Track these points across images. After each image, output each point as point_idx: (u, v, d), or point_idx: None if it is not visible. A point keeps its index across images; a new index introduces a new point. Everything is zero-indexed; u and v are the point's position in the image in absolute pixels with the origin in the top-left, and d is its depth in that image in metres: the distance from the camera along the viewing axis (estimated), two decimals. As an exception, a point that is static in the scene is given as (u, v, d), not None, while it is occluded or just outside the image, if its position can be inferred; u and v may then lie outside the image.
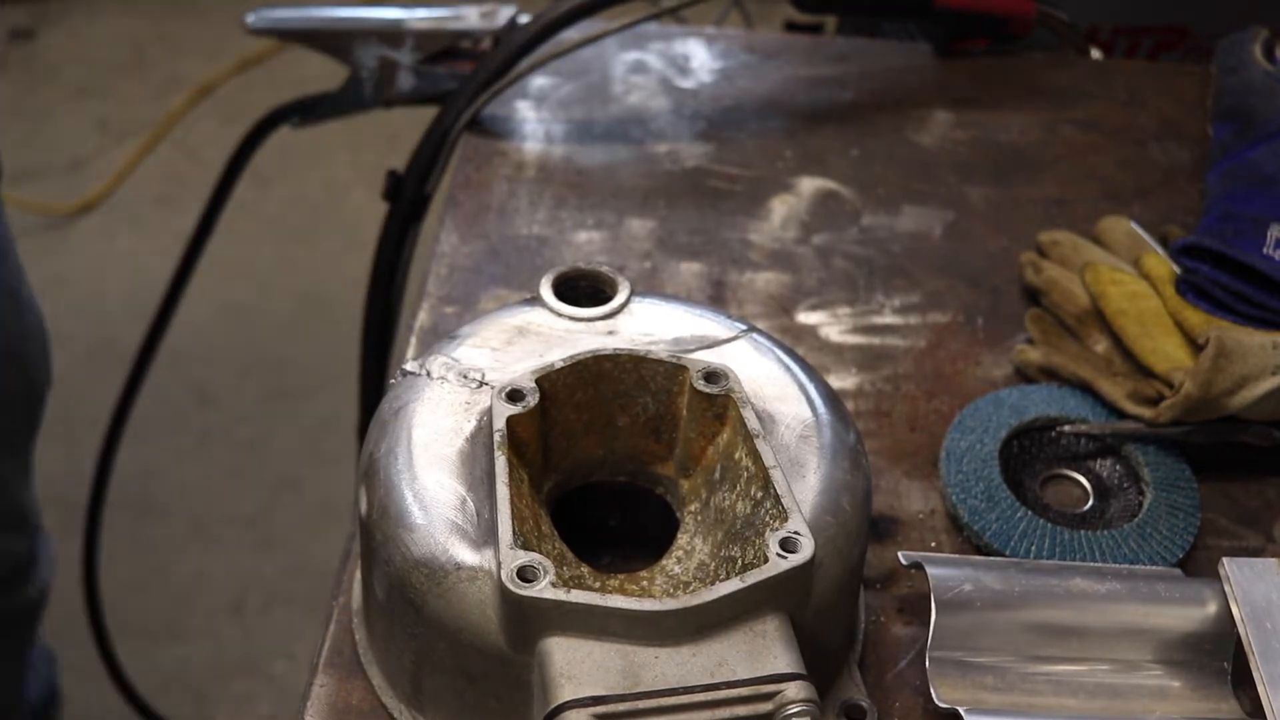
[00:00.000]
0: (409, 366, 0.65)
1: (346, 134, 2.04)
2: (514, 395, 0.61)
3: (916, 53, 1.11)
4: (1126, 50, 1.22)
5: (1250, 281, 0.80)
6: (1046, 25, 1.10)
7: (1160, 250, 0.86)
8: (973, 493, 0.74)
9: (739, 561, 0.57)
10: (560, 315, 0.67)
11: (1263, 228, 0.83)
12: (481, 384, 0.64)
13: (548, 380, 0.62)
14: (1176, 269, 0.82)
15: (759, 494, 0.59)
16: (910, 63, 1.10)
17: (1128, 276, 0.82)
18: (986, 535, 0.73)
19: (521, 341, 0.66)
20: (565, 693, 0.52)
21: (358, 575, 0.68)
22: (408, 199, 1.01)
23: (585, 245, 0.92)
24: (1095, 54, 1.14)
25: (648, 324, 0.67)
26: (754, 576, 0.54)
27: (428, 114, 1.00)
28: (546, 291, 0.68)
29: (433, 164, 0.99)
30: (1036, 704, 0.65)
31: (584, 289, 0.69)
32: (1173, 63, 1.21)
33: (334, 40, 1.07)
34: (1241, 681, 0.66)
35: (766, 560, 0.55)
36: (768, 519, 0.57)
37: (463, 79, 0.99)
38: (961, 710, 0.63)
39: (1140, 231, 0.88)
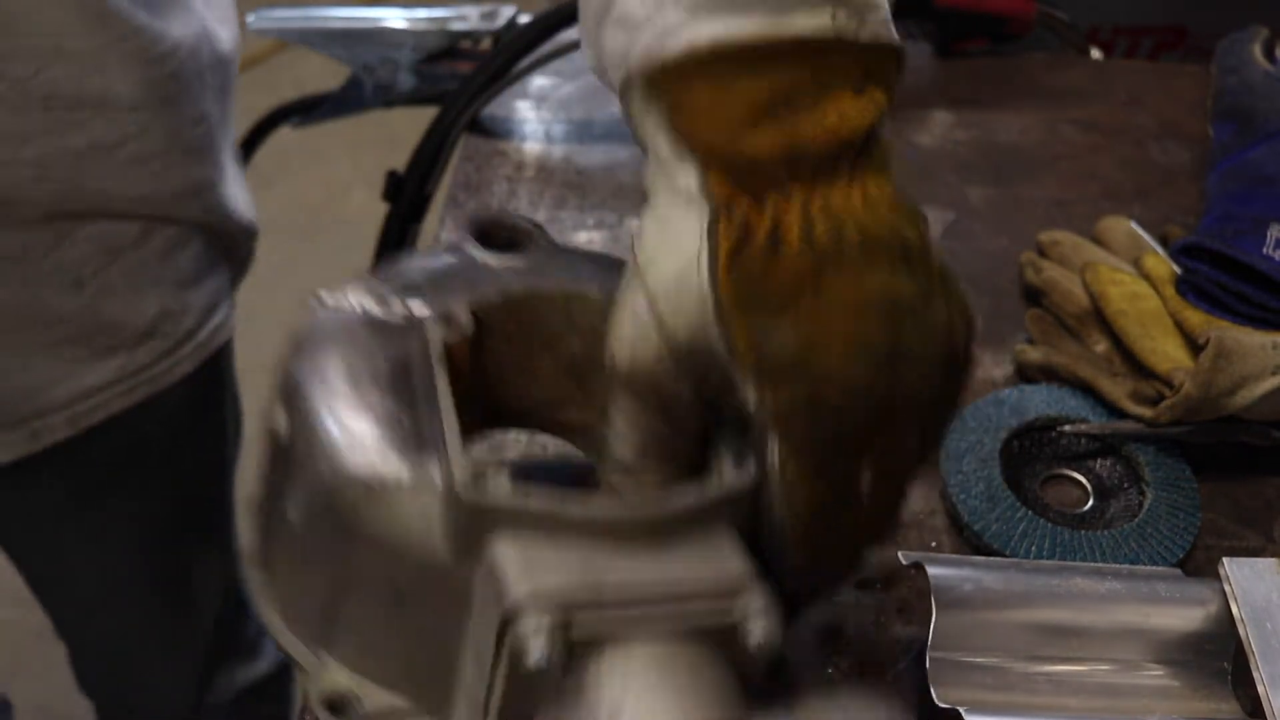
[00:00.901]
0: (325, 295, 0.61)
1: (346, 134, 2.04)
2: (448, 320, 0.60)
3: (916, 53, 1.11)
4: (1126, 50, 1.22)
5: (1250, 281, 0.80)
6: (1046, 25, 1.10)
7: (1160, 250, 0.86)
8: (973, 493, 0.74)
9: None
10: (485, 261, 0.65)
11: (1263, 228, 0.83)
12: (410, 316, 0.61)
13: (481, 310, 0.61)
14: (1176, 269, 0.82)
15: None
16: (910, 63, 1.10)
17: (1128, 276, 0.82)
18: (986, 535, 0.72)
19: (448, 281, 0.64)
20: (522, 589, 0.49)
21: (249, 522, 0.63)
22: (408, 199, 1.01)
23: (586, 245, 0.92)
24: (1095, 54, 1.14)
25: (575, 271, 0.66)
26: (713, 489, 0.54)
27: (428, 114, 1.00)
28: (466, 238, 0.66)
29: (433, 164, 0.99)
30: (1036, 704, 0.65)
31: (503, 239, 0.67)
32: (1173, 63, 1.21)
33: (334, 40, 1.07)
34: (1241, 681, 0.66)
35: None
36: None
37: (463, 79, 0.99)
38: (961, 710, 0.63)
39: (1140, 231, 0.88)
